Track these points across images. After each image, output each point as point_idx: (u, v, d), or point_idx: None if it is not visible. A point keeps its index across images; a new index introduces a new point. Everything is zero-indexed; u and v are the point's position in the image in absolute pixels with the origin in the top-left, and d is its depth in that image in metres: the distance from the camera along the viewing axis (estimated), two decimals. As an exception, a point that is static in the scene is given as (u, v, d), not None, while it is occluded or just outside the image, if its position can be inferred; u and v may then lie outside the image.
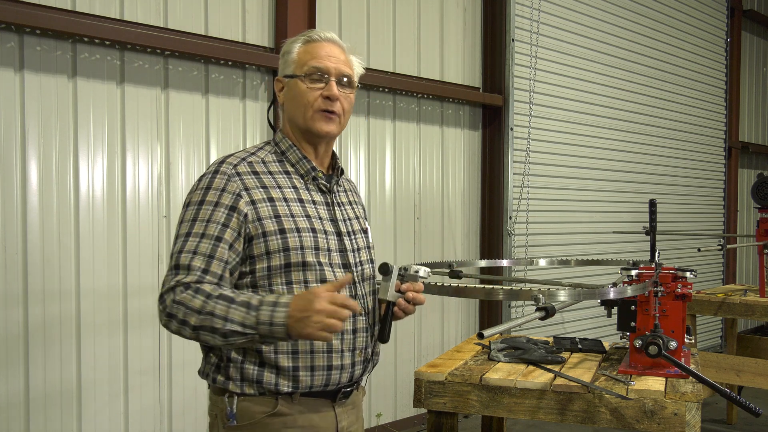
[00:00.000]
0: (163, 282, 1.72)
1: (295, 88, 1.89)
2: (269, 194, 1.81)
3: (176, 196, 3.83)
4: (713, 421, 5.37)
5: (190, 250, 1.72)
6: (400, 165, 5.08)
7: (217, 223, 1.74)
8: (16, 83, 3.30)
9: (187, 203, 1.80)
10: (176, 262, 1.72)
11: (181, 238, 1.75)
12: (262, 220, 1.77)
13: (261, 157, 1.88)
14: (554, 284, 3.08)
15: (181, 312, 1.66)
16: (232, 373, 1.79)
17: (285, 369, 1.77)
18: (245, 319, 1.64)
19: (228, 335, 1.64)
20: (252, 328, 1.64)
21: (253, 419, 1.78)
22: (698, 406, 2.15)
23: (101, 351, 3.54)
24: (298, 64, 1.90)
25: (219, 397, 1.83)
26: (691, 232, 7.55)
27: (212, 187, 1.78)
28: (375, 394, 4.91)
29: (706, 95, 8.03)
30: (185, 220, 1.78)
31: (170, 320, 1.68)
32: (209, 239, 1.73)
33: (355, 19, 4.73)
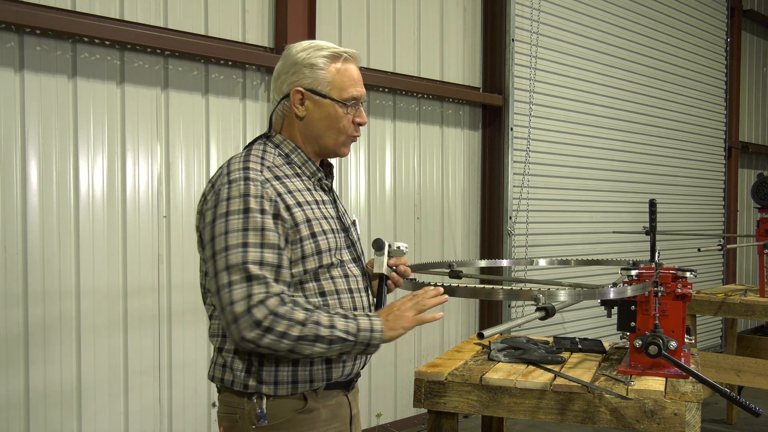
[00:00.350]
0: (233, 296, 1.68)
1: (332, 112, 1.89)
2: (296, 199, 1.82)
3: (176, 196, 3.83)
4: (713, 421, 5.37)
5: (257, 261, 1.70)
6: (400, 165, 5.08)
7: (272, 231, 1.74)
8: (16, 83, 3.31)
9: (225, 212, 1.73)
10: (246, 273, 1.68)
11: (238, 249, 1.70)
12: (298, 225, 1.80)
13: (271, 161, 1.87)
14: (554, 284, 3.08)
15: (282, 325, 1.68)
16: (266, 376, 1.81)
17: (318, 362, 1.84)
18: (347, 326, 1.74)
19: (333, 342, 1.73)
20: (353, 335, 1.75)
21: (284, 417, 1.82)
22: (698, 406, 2.15)
23: (101, 351, 3.54)
24: (335, 87, 1.88)
25: (242, 399, 1.83)
26: (691, 232, 7.55)
27: (251, 194, 1.74)
28: (375, 394, 4.91)
29: (706, 95, 8.03)
30: (232, 229, 1.72)
31: (265, 334, 1.67)
32: (271, 249, 1.73)
33: (355, 19, 4.73)
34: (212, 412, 3.96)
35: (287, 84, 1.91)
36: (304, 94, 1.89)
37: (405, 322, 1.82)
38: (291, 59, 1.91)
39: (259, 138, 1.96)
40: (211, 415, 3.96)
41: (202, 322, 3.92)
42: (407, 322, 1.82)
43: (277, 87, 1.94)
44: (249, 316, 1.66)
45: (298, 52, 1.90)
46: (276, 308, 1.68)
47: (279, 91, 1.93)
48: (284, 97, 1.92)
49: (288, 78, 1.90)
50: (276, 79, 1.94)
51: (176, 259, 3.82)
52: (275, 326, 1.67)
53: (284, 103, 1.92)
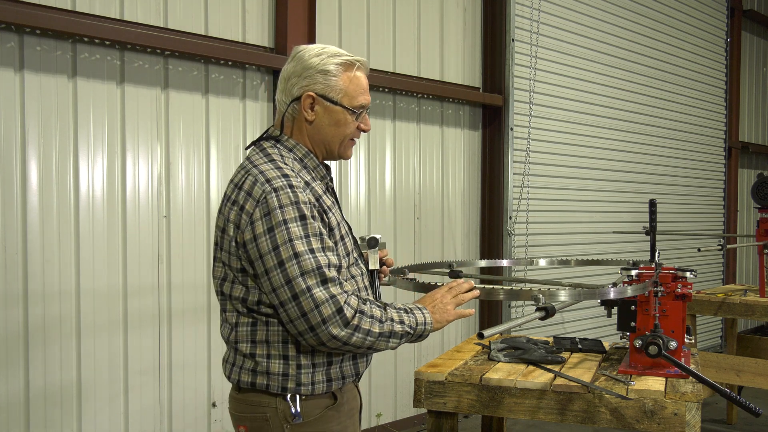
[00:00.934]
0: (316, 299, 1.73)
1: (339, 117, 1.93)
2: (325, 204, 1.89)
3: (176, 196, 3.83)
4: (713, 421, 5.37)
5: (326, 264, 1.77)
6: (400, 165, 5.08)
7: (326, 235, 1.83)
8: (16, 83, 3.31)
9: (282, 221, 1.75)
10: (323, 277, 1.75)
11: (307, 256, 1.75)
12: (332, 229, 1.88)
13: (291, 166, 1.89)
14: (554, 284, 3.08)
15: (367, 322, 1.78)
16: (304, 379, 1.86)
17: (347, 359, 1.92)
18: (410, 321, 1.85)
19: (403, 336, 1.84)
20: (413, 328, 1.86)
21: (317, 414, 1.88)
22: (698, 406, 2.15)
23: (101, 351, 3.54)
24: (347, 95, 1.92)
25: (274, 399, 1.86)
26: (691, 232, 7.55)
27: (301, 201, 1.78)
28: (375, 394, 4.91)
29: (706, 95, 8.03)
30: (295, 237, 1.75)
31: (354, 332, 1.76)
32: (332, 251, 1.82)
33: (355, 19, 4.73)
34: (212, 412, 3.96)
35: (298, 87, 1.91)
36: (315, 99, 1.90)
37: (448, 316, 1.93)
38: (303, 63, 1.91)
39: (266, 139, 1.96)
40: (211, 415, 3.96)
41: (202, 322, 3.92)
42: (450, 316, 1.94)
43: (286, 89, 1.93)
44: (339, 317, 1.74)
45: (312, 56, 1.91)
46: (359, 306, 1.78)
47: (289, 94, 1.93)
48: (294, 100, 1.92)
49: (300, 81, 1.91)
50: (286, 80, 1.94)
51: (176, 259, 3.82)
52: (362, 324, 1.77)
53: (294, 106, 1.93)
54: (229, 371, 1.93)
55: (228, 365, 1.93)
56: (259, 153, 1.91)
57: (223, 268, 1.88)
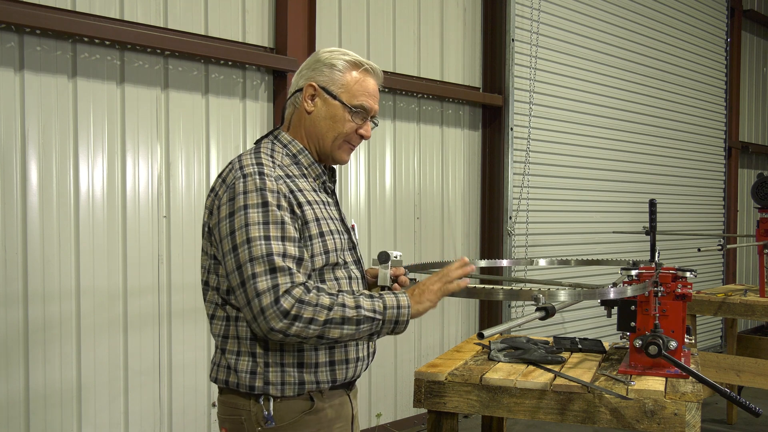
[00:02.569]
0: (258, 288, 1.68)
1: (337, 113, 1.91)
2: (305, 197, 1.84)
3: (176, 196, 3.83)
4: (713, 421, 5.37)
5: (280, 253, 1.70)
6: (400, 165, 5.08)
7: (291, 226, 1.76)
8: (16, 83, 3.30)
9: (243, 206, 1.74)
10: (271, 266, 1.68)
11: (260, 242, 1.70)
12: (308, 223, 1.82)
13: (279, 160, 1.89)
14: (554, 284, 3.08)
15: (309, 311, 1.67)
16: (272, 378, 1.81)
17: (323, 364, 1.84)
18: (374, 305, 1.75)
19: (361, 322, 1.72)
20: (380, 313, 1.75)
21: (292, 419, 1.82)
22: (698, 406, 2.15)
23: (101, 351, 3.54)
24: (348, 92, 1.91)
25: (249, 401, 1.83)
26: (691, 232, 7.55)
27: (267, 189, 1.75)
28: (375, 394, 4.91)
29: (706, 95, 8.03)
30: (252, 222, 1.72)
31: (294, 322, 1.67)
32: (292, 242, 1.74)
33: (355, 19, 4.73)
34: (212, 412, 3.96)
35: (304, 78, 1.94)
36: (317, 90, 1.91)
37: (431, 295, 1.82)
38: (316, 57, 1.96)
39: (267, 136, 1.99)
40: (211, 415, 3.96)
41: (202, 322, 3.92)
42: (433, 294, 1.83)
43: (296, 81, 1.97)
44: (276, 307, 1.66)
45: (324, 52, 1.95)
46: (301, 296, 1.68)
47: (295, 85, 1.97)
48: (297, 90, 1.95)
49: (307, 73, 1.94)
50: (297, 74, 1.98)
51: (176, 259, 3.82)
52: (302, 313, 1.67)
53: (297, 95, 1.95)
54: (210, 370, 1.92)
55: (211, 364, 1.92)
56: (251, 148, 1.94)
57: (204, 256, 1.90)
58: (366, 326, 1.74)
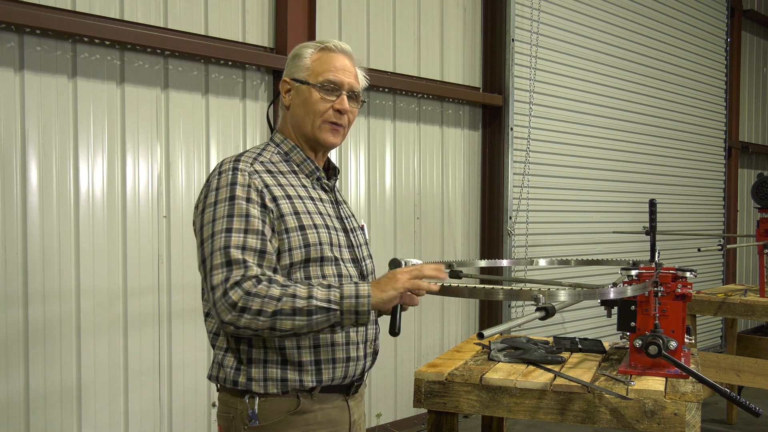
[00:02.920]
0: (213, 281, 1.69)
1: (307, 96, 1.92)
2: (286, 192, 1.84)
3: (176, 196, 3.83)
4: (713, 421, 5.37)
5: (239, 245, 1.70)
6: (400, 165, 5.08)
7: (257, 218, 1.75)
8: (16, 83, 3.30)
9: (214, 201, 1.77)
10: (227, 258, 1.69)
11: (221, 234, 1.72)
12: (284, 216, 1.80)
13: (268, 158, 1.91)
14: (554, 284, 3.08)
15: (257, 302, 1.65)
16: (255, 374, 1.80)
17: (306, 363, 1.81)
18: (329, 295, 1.68)
19: (313, 312, 1.66)
20: (336, 303, 1.67)
21: (276, 418, 1.81)
22: (698, 406, 2.15)
23: (101, 351, 3.54)
24: (312, 72, 1.92)
25: (237, 399, 1.83)
26: (691, 232, 7.55)
27: (238, 183, 1.77)
28: (375, 394, 4.91)
29: (706, 95, 8.03)
30: (218, 217, 1.74)
31: (242, 314, 1.65)
32: (255, 234, 1.73)
33: (355, 19, 4.73)
34: (212, 412, 3.96)
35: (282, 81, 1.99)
36: (289, 82, 1.95)
37: (396, 284, 1.71)
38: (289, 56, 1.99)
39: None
40: (211, 415, 3.96)
41: (202, 322, 3.90)
42: (399, 284, 1.71)
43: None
44: (225, 299, 1.66)
45: (295, 48, 1.98)
46: (250, 288, 1.66)
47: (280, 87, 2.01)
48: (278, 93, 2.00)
49: (284, 74, 1.99)
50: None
51: (176, 259, 3.82)
52: (250, 305, 1.65)
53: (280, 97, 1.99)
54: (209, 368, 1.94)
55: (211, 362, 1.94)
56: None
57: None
58: (321, 317, 1.67)
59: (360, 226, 2.08)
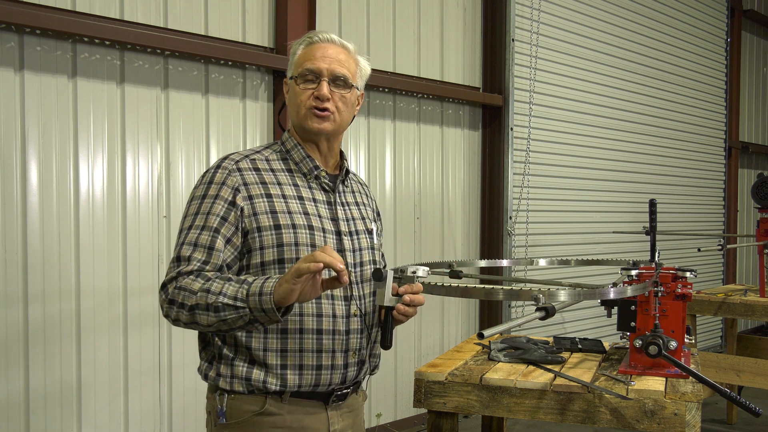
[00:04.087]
0: (166, 274, 1.77)
1: (292, 89, 1.94)
2: (267, 190, 1.84)
3: (176, 196, 3.83)
4: (713, 421, 5.37)
5: (191, 242, 1.77)
6: (400, 165, 5.08)
7: (217, 216, 1.78)
8: (16, 83, 3.30)
9: (190, 199, 1.85)
10: (177, 254, 1.77)
11: (184, 232, 1.80)
12: (257, 215, 1.80)
13: (265, 155, 1.93)
14: (554, 284, 3.08)
15: (180, 296, 1.69)
16: (223, 369, 1.83)
17: (273, 367, 1.80)
18: (238, 292, 1.65)
19: (220, 309, 1.64)
20: (243, 301, 1.63)
21: (242, 417, 1.81)
22: (698, 406, 2.15)
23: (101, 351, 3.54)
24: (296, 66, 1.94)
25: (212, 395, 1.88)
26: (691, 232, 7.55)
27: (213, 182, 1.82)
28: (375, 394, 4.91)
29: (706, 95, 8.03)
30: (188, 214, 1.82)
31: (171, 307, 1.71)
32: (209, 231, 1.77)
33: (355, 19, 4.73)
34: (212, 412, 3.96)
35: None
36: (286, 83, 1.99)
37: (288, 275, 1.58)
38: None
39: None
40: (211, 415, 3.96)
41: (202, 322, 3.92)
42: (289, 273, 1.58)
43: None
44: (163, 292, 1.74)
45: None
46: (180, 281, 1.71)
47: None
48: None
49: None
50: None
51: (176, 259, 3.82)
52: (176, 297, 1.70)
53: None
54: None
55: None
56: None
57: None
58: (229, 314, 1.63)
59: (368, 230, 2.02)
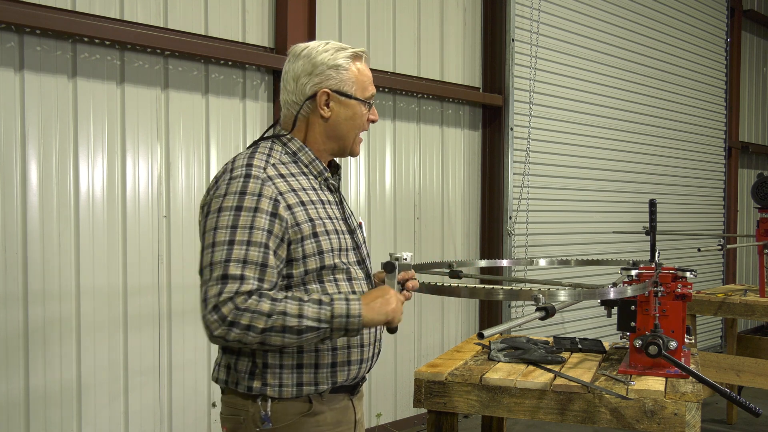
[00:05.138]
0: (207, 293, 1.67)
1: (355, 111, 1.92)
2: (300, 198, 1.81)
3: (176, 196, 3.83)
4: (713, 421, 5.37)
5: (239, 259, 1.68)
6: (400, 165, 5.08)
7: (262, 230, 1.71)
8: (16, 83, 3.31)
9: (218, 208, 1.74)
10: (224, 271, 1.67)
11: (223, 246, 1.69)
12: (300, 224, 1.78)
13: (281, 160, 1.87)
14: (554, 284, 3.08)
15: (246, 318, 1.64)
16: (270, 379, 1.80)
17: (323, 366, 1.83)
18: (320, 314, 1.68)
19: (303, 332, 1.67)
20: (327, 322, 1.69)
21: (289, 420, 1.81)
22: (698, 406, 2.15)
23: (101, 351, 3.54)
24: (359, 87, 1.91)
25: (247, 401, 1.82)
26: (691, 232, 7.55)
27: (248, 192, 1.73)
28: (375, 394, 4.91)
29: (706, 95, 8.03)
30: (221, 226, 1.71)
31: (231, 329, 1.65)
32: (258, 247, 1.70)
33: (355, 19, 4.73)
34: (212, 412, 3.96)
35: (311, 85, 1.89)
36: (330, 95, 1.89)
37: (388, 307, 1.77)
38: (313, 60, 1.89)
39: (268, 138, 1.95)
40: (211, 415, 3.96)
41: (202, 322, 3.91)
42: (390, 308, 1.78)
43: (297, 89, 1.90)
44: (214, 313, 1.65)
45: (320, 53, 1.89)
46: (240, 303, 1.65)
47: (301, 93, 1.90)
48: (308, 99, 1.90)
49: (312, 79, 1.89)
50: (295, 80, 1.90)
51: (176, 259, 3.82)
52: (239, 320, 1.64)
53: (307, 104, 1.90)
54: (213, 370, 1.92)
55: (215, 364, 1.92)
56: (249, 148, 1.91)
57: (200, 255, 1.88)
58: (311, 335, 1.69)
59: (358, 224, 2.06)
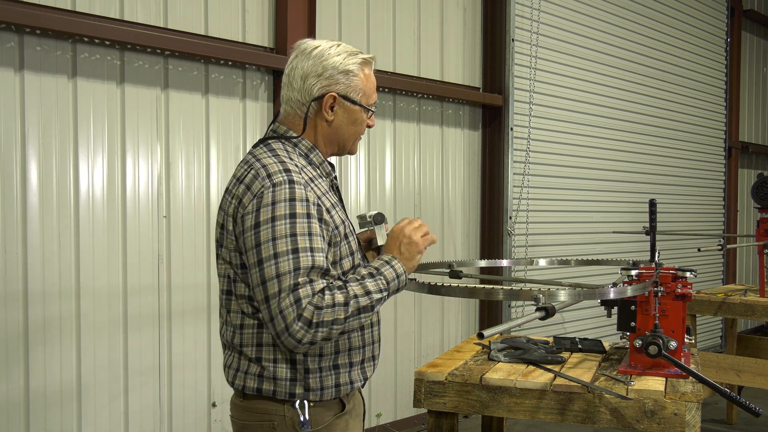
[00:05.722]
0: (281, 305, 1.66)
1: (357, 116, 1.94)
2: (330, 201, 1.84)
3: (176, 196, 3.83)
4: (713, 421, 5.37)
5: (308, 266, 1.69)
6: (400, 165, 5.08)
7: (320, 236, 1.74)
8: (16, 83, 3.31)
9: (271, 218, 1.70)
10: (294, 280, 1.67)
11: (287, 256, 1.68)
12: (337, 227, 1.83)
13: (296, 161, 1.85)
14: (554, 284, 3.08)
15: (328, 314, 1.67)
16: (312, 383, 1.81)
17: (357, 364, 1.89)
18: (379, 285, 1.78)
19: (374, 306, 1.77)
20: (386, 289, 1.80)
21: (326, 422, 1.84)
22: (698, 406, 2.15)
23: (101, 351, 3.54)
24: (365, 94, 1.93)
25: (282, 406, 1.80)
26: (691, 232, 7.55)
27: (297, 198, 1.72)
28: (375, 394, 4.91)
29: (706, 95, 8.03)
30: (280, 236, 1.69)
31: (317, 330, 1.66)
32: (321, 252, 1.73)
33: (355, 19, 4.73)
34: (212, 412, 3.96)
35: (319, 87, 1.87)
36: (336, 99, 1.88)
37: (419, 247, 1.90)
38: (323, 62, 1.87)
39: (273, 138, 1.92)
40: (211, 415, 3.96)
41: (202, 322, 3.92)
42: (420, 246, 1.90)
43: (304, 88, 1.88)
44: (301, 321, 1.65)
45: (332, 56, 1.87)
46: (318, 303, 1.67)
47: (308, 94, 1.88)
48: (314, 100, 1.88)
49: (320, 81, 1.87)
50: (303, 78, 1.88)
51: (176, 259, 3.82)
52: (323, 318, 1.66)
53: (313, 105, 1.89)
54: (232, 377, 1.85)
55: (231, 370, 1.86)
56: (263, 148, 1.86)
57: (224, 264, 1.83)
58: (379, 305, 1.79)
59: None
